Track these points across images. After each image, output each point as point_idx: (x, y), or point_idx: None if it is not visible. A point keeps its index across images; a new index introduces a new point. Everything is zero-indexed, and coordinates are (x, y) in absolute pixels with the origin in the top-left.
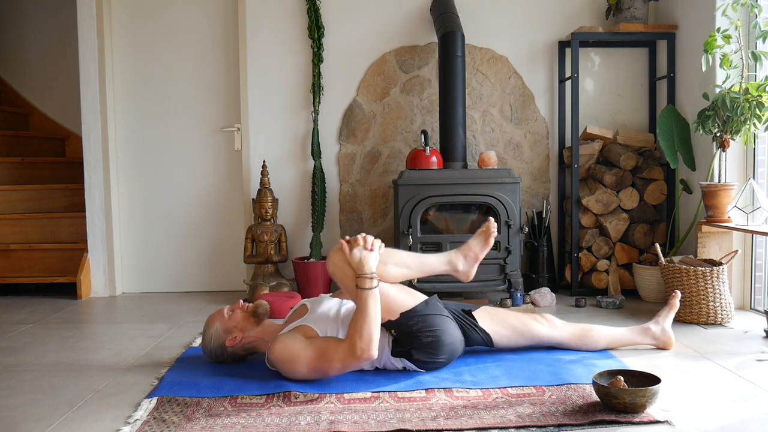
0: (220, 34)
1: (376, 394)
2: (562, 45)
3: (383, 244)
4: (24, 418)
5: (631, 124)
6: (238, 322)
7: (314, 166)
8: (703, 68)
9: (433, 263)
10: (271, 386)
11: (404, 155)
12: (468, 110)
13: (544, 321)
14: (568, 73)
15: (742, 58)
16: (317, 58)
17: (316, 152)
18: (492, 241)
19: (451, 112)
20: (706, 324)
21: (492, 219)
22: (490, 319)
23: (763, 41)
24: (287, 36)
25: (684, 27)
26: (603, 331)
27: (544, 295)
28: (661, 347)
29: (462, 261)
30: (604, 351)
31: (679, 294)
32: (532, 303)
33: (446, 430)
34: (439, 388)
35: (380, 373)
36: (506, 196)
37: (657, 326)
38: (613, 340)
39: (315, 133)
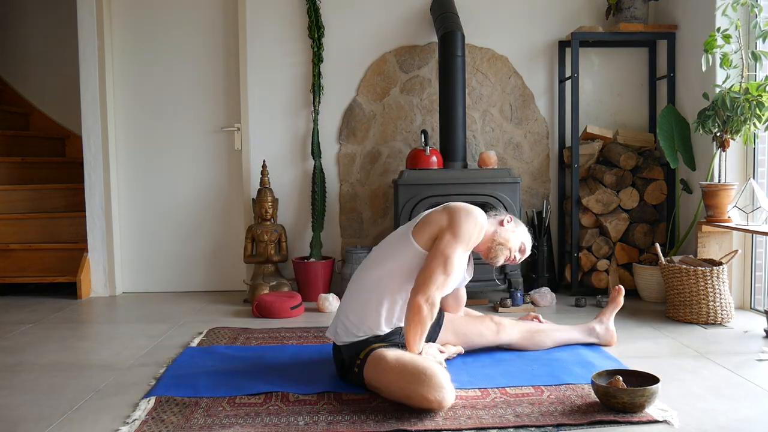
0: (220, 34)
1: (374, 394)
2: (562, 45)
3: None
4: (24, 418)
5: (631, 124)
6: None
7: (314, 165)
8: (703, 68)
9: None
10: (269, 386)
11: (404, 155)
12: (468, 110)
13: (493, 325)
14: (568, 73)
15: (742, 58)
16: (317, 58)
17: (316, 152)
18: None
19: (451, 112)
20: (706, 324)
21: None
22: (443, 329)
23: (763, 41)
24: (287, 36)
25: (684, 27)
26: (551, 332)
27: (544, 294)
28: (604, 345)
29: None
30: (602, 350)
31: (622, 290)
32: (532, 303)
33: (445, 429)
34: None
35: None
36: (506, 195)
37: (601, 325)
38: (560, 341)
39: (315, 133)
